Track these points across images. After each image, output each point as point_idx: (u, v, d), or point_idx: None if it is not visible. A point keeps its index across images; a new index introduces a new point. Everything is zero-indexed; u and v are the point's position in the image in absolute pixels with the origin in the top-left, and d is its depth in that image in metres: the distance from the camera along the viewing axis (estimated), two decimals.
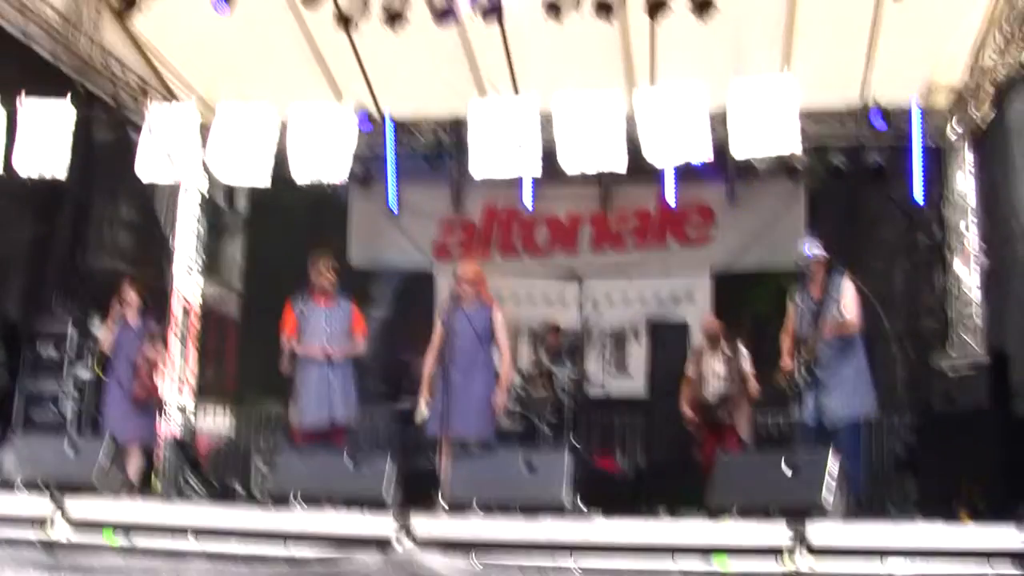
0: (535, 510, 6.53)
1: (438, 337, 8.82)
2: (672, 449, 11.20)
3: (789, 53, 10.93)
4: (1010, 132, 10.56)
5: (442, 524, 6.40)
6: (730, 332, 10.80)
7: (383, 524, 6.25)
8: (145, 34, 11.75)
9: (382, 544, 6.06)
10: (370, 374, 10.87)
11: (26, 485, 7.28)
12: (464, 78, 11.90)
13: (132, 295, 10.07)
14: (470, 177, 10.57)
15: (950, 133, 12.19)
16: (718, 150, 9.36)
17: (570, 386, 10.87)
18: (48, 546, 6.36)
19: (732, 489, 6.66)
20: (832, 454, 6.43)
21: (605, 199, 14.00)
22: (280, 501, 7.09)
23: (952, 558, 5.37)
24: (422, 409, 8.72)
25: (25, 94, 8.98)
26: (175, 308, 13.71)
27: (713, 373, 10.58)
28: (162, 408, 10.75)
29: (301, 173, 8.84)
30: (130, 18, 10.74)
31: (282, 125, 9.01)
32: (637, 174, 12.54)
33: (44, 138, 8.97)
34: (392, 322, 14.66)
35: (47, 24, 10.73)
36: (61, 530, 6.53)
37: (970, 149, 12.08)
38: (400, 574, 5.71)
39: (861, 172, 12.48)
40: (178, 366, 13.67)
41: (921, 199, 12.31)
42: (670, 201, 13.57)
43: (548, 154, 8.47)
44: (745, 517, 6.21)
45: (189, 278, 14.01)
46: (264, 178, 8.90)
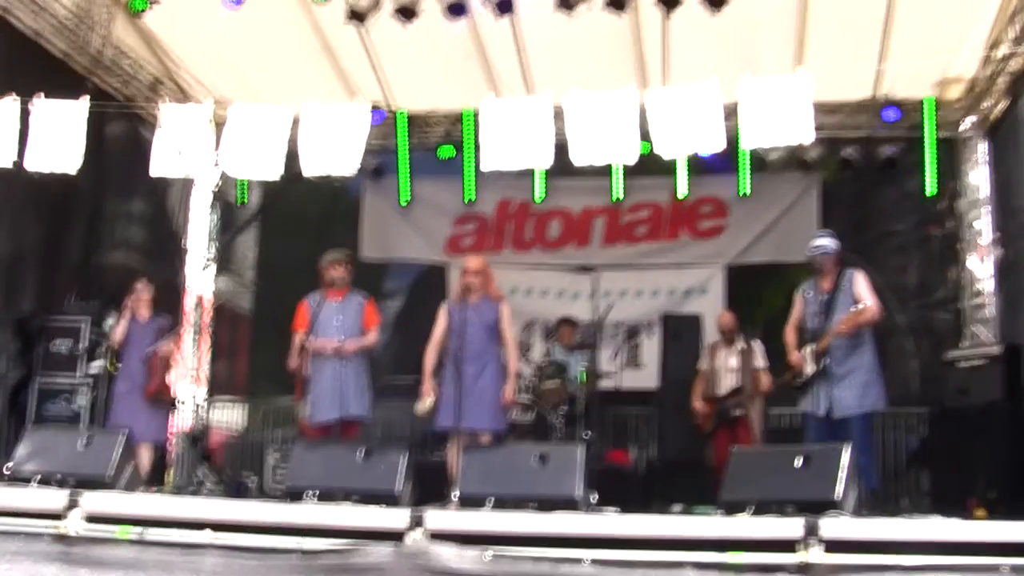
0: (548, 504, 6.53)
1: (440, 331, 8.80)
2: (685, 443, 11.16)
3: (802, 45, 10.91)
4: (1023, 125, 10.54)
5: (455, 518, 6.40)
6: (743, 326, 10.77)
7: (396, 518, 6.25)
8: (157, 31, 11.78)
9: (395, 537, 6.06)
10: (383, 368, 10.85)
11: (40, 479, 7.31)
12: (476, 74, 11.90)
13: (145, 291, 10.10)
14: (483, 171, 10.57)
15: (963, 126, 12.16)
16: (731, 143, 9.34)
17: (583, 380, 10.87)
18: (62, 539, 6.38)
19: (745, 483, 6.66)
20: (844, 450, 6.42)
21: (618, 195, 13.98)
22: (293, 495, 7.11)
23: (966, 552, 5.35)
24: (425, 402, 8.70)
25: (37, 91, 8.99)
26: (188, 303, 13.75)
27: (726, 367, 10.54)
28: (174, 403, 10.76)
29: (312, 168, 8.83)
30: (142, 16, 10.76)
31: (294, 120, 9.02)
32: (649, 171, 12.58)
33: (57, 135, 8.97)
34: (405, 316, 14.68)
35: (59, 22, 10.76)
36: (75, 524, 6.54)
37: (983, 142, 12.05)
38: (411, 566, 5.71)
39: (874, 165, 12.46)
40: (191, 361, 13.71)
41: (934, 192, 12.28)
42: (682, 195, 13.56)
43: (560, 148, 8.45)
44: (758, 511, 6.21)
45: (202, 273, 14.05)
46: (276, 172, 8.89)
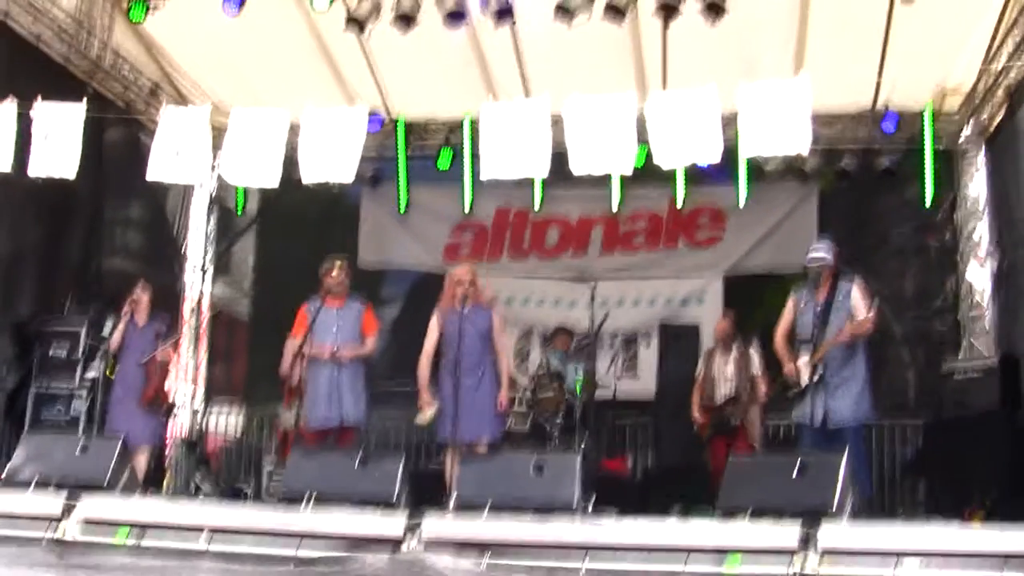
0: (545, 511, 6.53)
1: (433, 340, 8.81)
2: (682, 451, 11.17)
3: (801, 56, 10.92)
4: (1022, 135, 10.55)
5: (452, 525, 6.40)
6: (741, 334, 10.77)
7: (393, 524, 6.25)
8: (157, 37, 11.79)
9: (391, 544, 6.06)
10: (380, 375, 10.85)
11: (37, 484, 7.30)
12: (475, 81, 11.91)
13: (143, 296, 10.09)
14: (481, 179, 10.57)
15: (962, 136, 12.17)
16: (729, 152, 9.35)
17: (580, 388, 10.87)
18: (59, 544, 6.37)
19: (743, 491, 6.66)
20: (842, 456, 6.43)
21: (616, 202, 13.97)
22: (290, 501, 7.10)
23: (964, 560, 5.35)
24: (427, 413, 8.70)
25: (36, 96, 8.99)
26: (186, 309, 13.74)
27: (723, 375, 10.55)
28: (171, 408, 10.75)
29: (311, 174, 8.83)
30: (141, 20, 10.77)
31: (293, 127, 9.02)
32: (648, 178, 12.57)
33: (56, 140, 8.96)
34: (403, 323, 14.66)
35: (59, 27, 10.77)
36: (72, 529, 6.54)
37: (981, 152, 12.06)
38: (407, 572, 5.71)
39: (872, 174, 12.47)
40: (188, 366, 13.70)
41: (932, 202, 12.29)
42: (681, 204, 13.57)
43: (558, 156, 8.45)
44: (756, 519, 6.21)
45: (200, 279, 14.04)
46: (274, 179, 8.89)
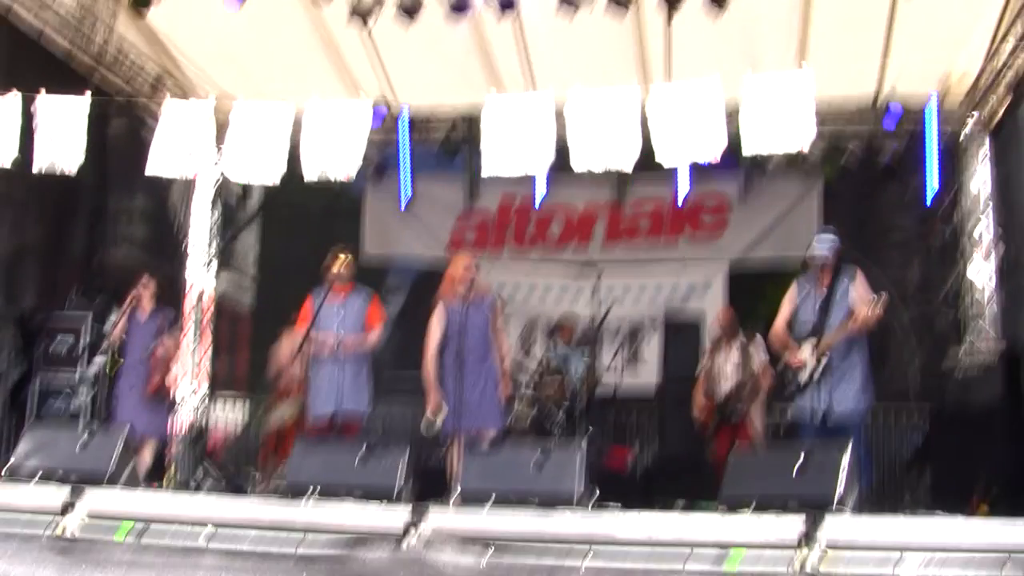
0: (548, 501, 6.53)
1: (439, 334, 8.75)
2: (686, 441, 11.17)
3: (804, 46, 10.89)
4: None
5: (455, 518, 6.40)
6: (744, 323, 10.76)
7: (396, 516, 6.25)
8: (160, 29, 11.78)
9: (395, 537, 6.06)
10: (385, 365, 10.87)
11: (40, 476, 7.30)
12: (479, 71, 11.89)
13: (146, 288, 10.10)
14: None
15: (966, 127, 12.15)
16: (732, 144, 9.35)
17: (583, 380, 10.87)
18: (62, 537, 6.38)
19: (745, 484, 6.66)
20: (845, 448, 6.42)
21: (620, 192, 13.98)
22: (293, 493, 7.10)
23: (968, 553, 5.34)
24: (439, 418, 8.62)
25: (40, 85, 8.99)
26: (189, 300, 13.75)
27: (727, 367, 10.55)
28: (175, 400, 10.76)
29: (314, 170, 8.83)
30: (145, 12, 10.76)
31: (296, 120, 9.01)
32: (651, 168, 12.56)
33: (59, 132, 8.97)
34: (407, 313, 14.67)
35: (62, 19, 10.76)
36: (75, 522, 6.54)
37: (986, 140, 12.04)
38: (411, 563, 5.71)
39: (876, 166, 12.45)
40: (192, 358, 13.71)
41: (936, 193, 12.27)
42: (684, 195, 13.57)
43: (562, 148, 8.44)
44: (759, 510, 6.21)
45: (203, 270, 14.05)
46: (277, 174, 8.89)
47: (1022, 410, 9.15)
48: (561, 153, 8.53)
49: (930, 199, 12.28)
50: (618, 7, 9.56)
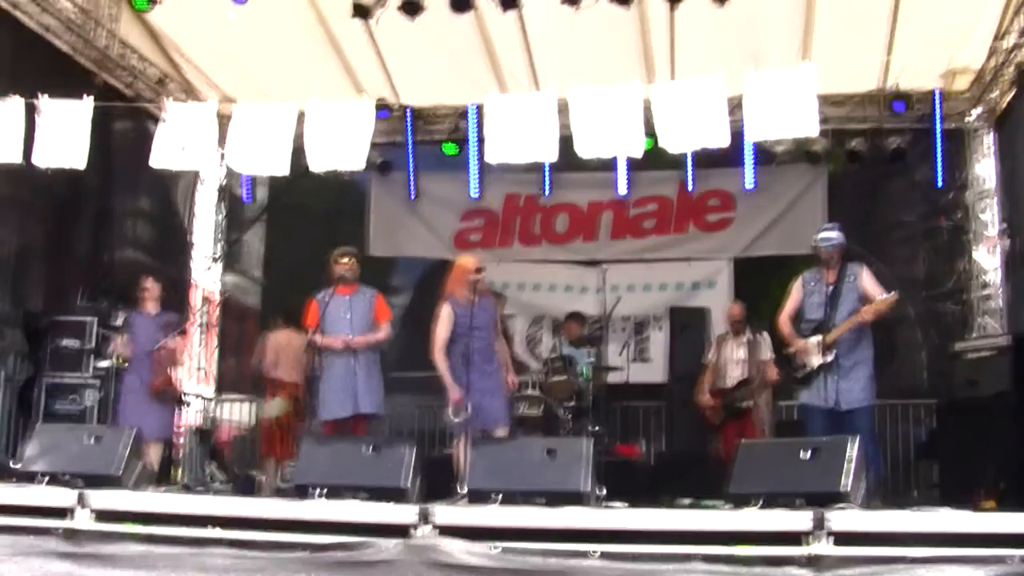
0: (555, 498, 6.52)
1: (447, 333, 8.70)
2: (693, 436, 11.17)
3: (809, 36, 10.89)
4: None
5: (463, 513, 6.39)
6: (751, 318, 10.74)
7: (404, 513, 6.24)
8: (163, 28, 11.79)
9: (403, 533, 6.05)
10: (390, 364, 10.86)
11: (48, 478, 7.31)
12: (482, 68, 11.89)
13: (152, 287, 10.10)
14: (490, 166, 10.53)
15: (970, 117, 12.13)
16: (737, 136, 9.33)
17: (590, 374, 10.86)
18: (71, 537, 6.37)
19: (753, 476, 6.65)
20: (852, 442, 6.41)
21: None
22: (301, 491, 7.10)
23: (975, 543, 5.33)
24: (465, 409, 8.54)
25: (43, 87, 8.98)
26: (195, 299, 13.75)
27: (734, 359, 10.53)
28: (182, 399, 10.75)
29: (318, 163, 8.80)
30: (147, 10, 10.77)
31: (300, 116, 8.99)
32: (656, 165, 12.57)
33: (63, 131, 8.95)
34: (413, 312, 14.65)
35: (66, 19, 10.77)
36: (83, 521, 6.55)
37: (991, 132, 12.02)
38: (419, 560, 5.69)
39: (881, 157, 12.43)
40: (198, 357, 13.72)
41: (941, 183, 12.26)
42: (690, 188, 13.58)
43: (566, 142, 8.42)
44: (767, 504, 6.20)
45: (209, 269, 14.06)
46: (283, 167, 8.87)
47: None
48: (566, 149, 8.50)
49: (936, 189, 12.29)
50: (620, 2, 9.57)
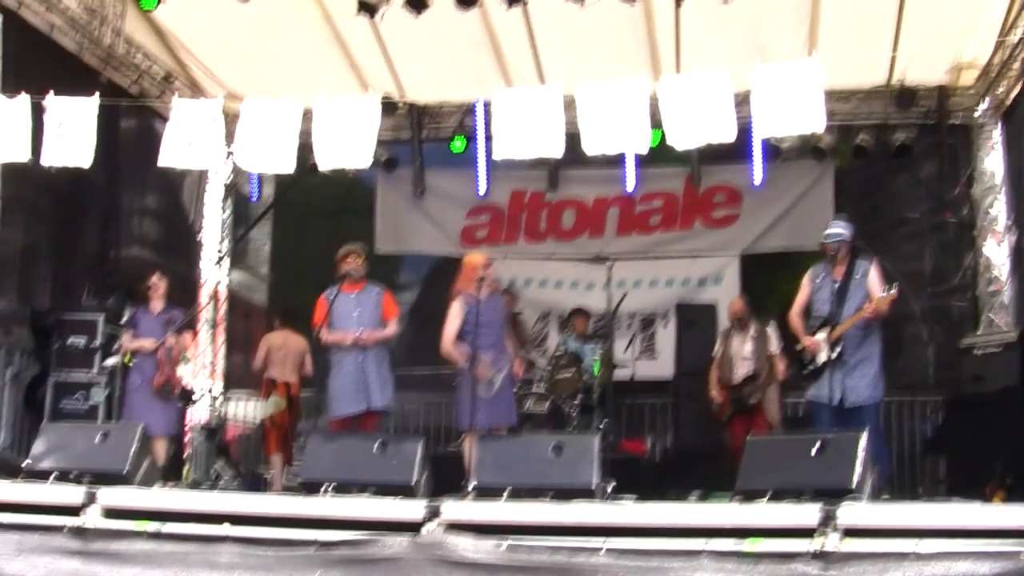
0: (563, 494, 6.52)
1: (458, 326, 8.71)
2: (701, 431, 11.16)
3: (815, 31, 10.87)
4: None
5: (471, 509, 6.39)
6: (758, 313, 10.73)
7: (412, 509, 6.24)
8: (168, 26, 11.79)
9: (411, 529, 6.05)
10: (398, 360, 10.89)
11: (57, 475, 7.31)
12: (488, 64, 11.89)
13: (159, 282, 10.10)
14: (495, 162, 10.54)
15: (978, 111, 12.10)
16: (745, 132, 9.32)
17: (597, 370, 10.85)
18: (79, 534, 6.38)
19: (762, 471, 6.64)
20: (861, 436, 6.39)
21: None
22: (309, 488, 7.10)
23: (984, 538, 5.32)
24: (497, 376, 8.53)
25: (49, 85, 8.98)
26: (203, 296, 13.76)
27: (741, 354, 10.51)
28: (189, 396, 10.77)
29: (326, 161, 8.80)
30: (152, 8, 10.79)
31: (306, 113, 9.00)
32: (662, 161, 12.56)
33: (70, 129, 8.96)
34: (420, 308, 14.66)
35: (71, 16, 10.77)
36: (92, 519, 6.55)
37: (998, 127, 11.99)
38: (427, 556, 5.69)
39: (888, 151, 12.41)
40: (206, 354, 13.73)
41: (949, 178, 12.23)
42: (696, 183, 13.57)
43: (572, 138, 8.40)
44: (775, 499, 6.19)
45: (217, 266, 14.07)
46: (289, 165, 8.87)
47: None
48: (572, 145, 8.49)
49: (943, 186, 12.27)
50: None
